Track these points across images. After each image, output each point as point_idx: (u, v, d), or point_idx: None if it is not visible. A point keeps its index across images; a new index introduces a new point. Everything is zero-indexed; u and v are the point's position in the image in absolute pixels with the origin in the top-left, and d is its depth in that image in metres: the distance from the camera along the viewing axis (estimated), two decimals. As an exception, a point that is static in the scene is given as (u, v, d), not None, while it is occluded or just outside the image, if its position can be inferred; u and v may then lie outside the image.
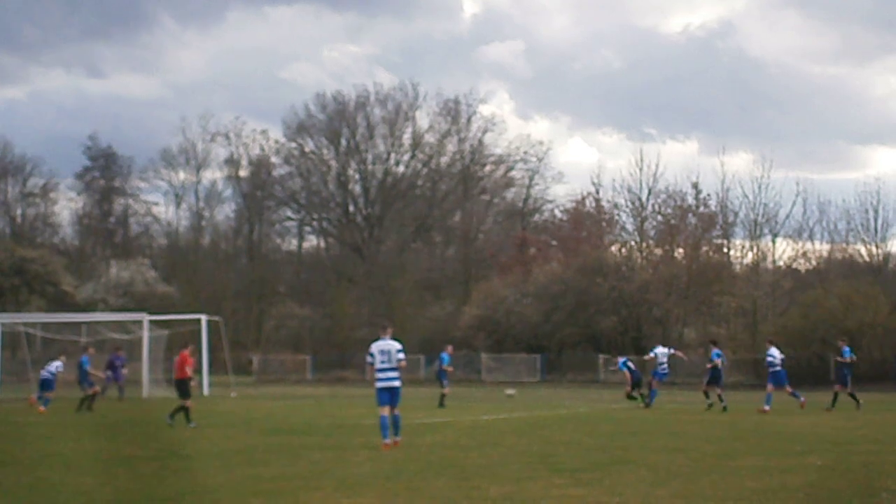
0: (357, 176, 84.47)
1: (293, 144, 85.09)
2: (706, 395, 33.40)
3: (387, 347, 19.44)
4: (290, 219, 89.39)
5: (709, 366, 34.31)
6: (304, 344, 72.42)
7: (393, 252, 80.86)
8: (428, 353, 65.71)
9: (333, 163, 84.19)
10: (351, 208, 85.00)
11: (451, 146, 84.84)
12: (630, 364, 36.68)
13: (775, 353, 32.21)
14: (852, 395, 32.43)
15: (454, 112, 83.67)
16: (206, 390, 47.14)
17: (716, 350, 34.55)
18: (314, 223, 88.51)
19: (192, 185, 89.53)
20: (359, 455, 18.71)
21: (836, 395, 32.41)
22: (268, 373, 64.72)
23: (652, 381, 35.75)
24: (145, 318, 48.38)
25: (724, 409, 31.41)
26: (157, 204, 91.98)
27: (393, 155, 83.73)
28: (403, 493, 13.86)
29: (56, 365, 35.94)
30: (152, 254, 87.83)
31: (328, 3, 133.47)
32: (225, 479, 15.26)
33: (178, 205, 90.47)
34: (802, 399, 32.07)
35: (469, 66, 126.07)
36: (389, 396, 19.49)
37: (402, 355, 19.57)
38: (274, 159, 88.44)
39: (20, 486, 14.66)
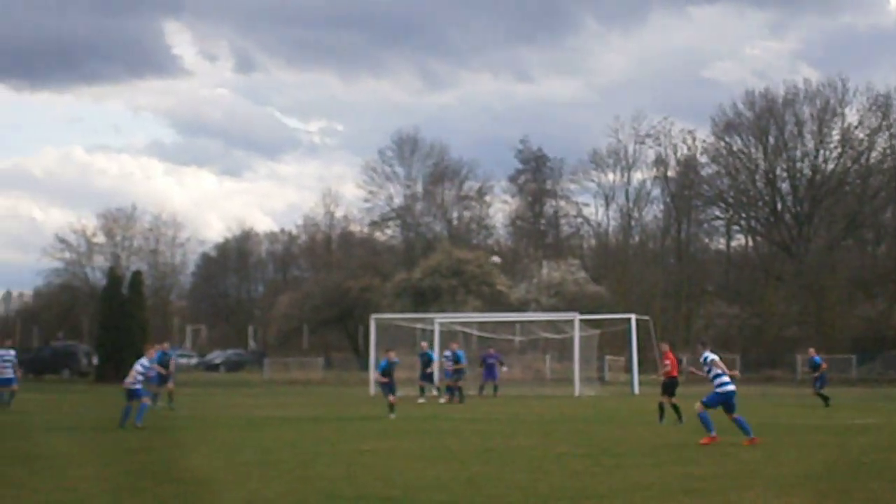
0: (785, 174, 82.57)
1: (721, 143, 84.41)
2: None
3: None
4: (717, 218, 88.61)
5: None
6: (734, 343, 71.73)
7: (822, 250, 78.51)
8: (859, 352, 63.60)
9: (761, 161, 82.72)
10: (779, 206, 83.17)
11: (881, 141, 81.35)
12: None
13: None
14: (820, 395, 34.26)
15: (884, 107, 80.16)
16: (636, 389, 47.76)
17: None
18: (742, 222, 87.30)
19: (622, 186, 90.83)
20: (789, 454, 18.65)
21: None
22: (679, 372, 64.43)
23: None
24: (576, 317, 49.17)
25: None
26: (587, 205, 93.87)
27: (822, 152, 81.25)
28: (834, 494, 13.77)
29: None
30: (582, 254, 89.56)
31: (751, 1, 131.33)
32: (655, 477, 15.49)
33: (607, 205, 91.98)
34: None
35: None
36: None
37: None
38: (701, 158, 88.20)
39: (459, 480, 15.38)
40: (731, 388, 20.81)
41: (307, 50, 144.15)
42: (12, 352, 34.06)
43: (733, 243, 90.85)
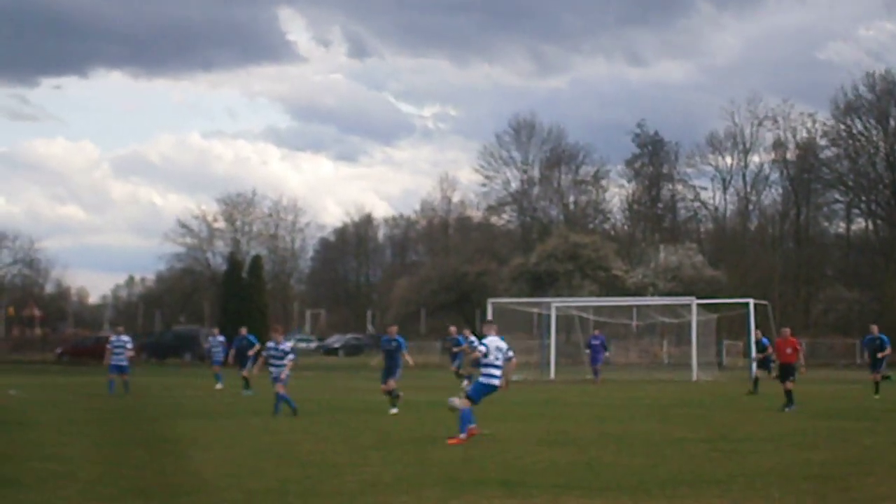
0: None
1: (841, 126, 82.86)
2: None
3: (502, 345, 18.53)
4: (837, 201, 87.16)
5: None
6: (853, 328, 70.57)
7: (943, 233, 76.80)
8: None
9: (882, 143, 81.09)
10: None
11: None
12: None
13: None
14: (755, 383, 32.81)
15: None
16: (754, 373, 47.24)
17: None
18: (862, 205, 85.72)
19: (740, 170, 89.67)
20: (911, 441, 18.49)
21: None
22: (815, 357, 63.76)
23: None
24: (693, 301, 48.89)
25: None
26: (704, 189, 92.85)
27: (944, 133, 79.46)
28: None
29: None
30: (699, 238, 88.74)
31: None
32: (775, 463, 15.46)
33: (724, 189, 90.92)
34: None
35: None
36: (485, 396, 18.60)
37: (511, 353, 18.88)
38: (821, 141, 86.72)
39: (576, 465, 15.52)
40: None
41: (420, 35, 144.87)
42: (125, 338, 34.39)
43: (853, 227, 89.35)
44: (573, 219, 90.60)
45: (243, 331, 37.58)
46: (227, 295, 68.10)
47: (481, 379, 18.56)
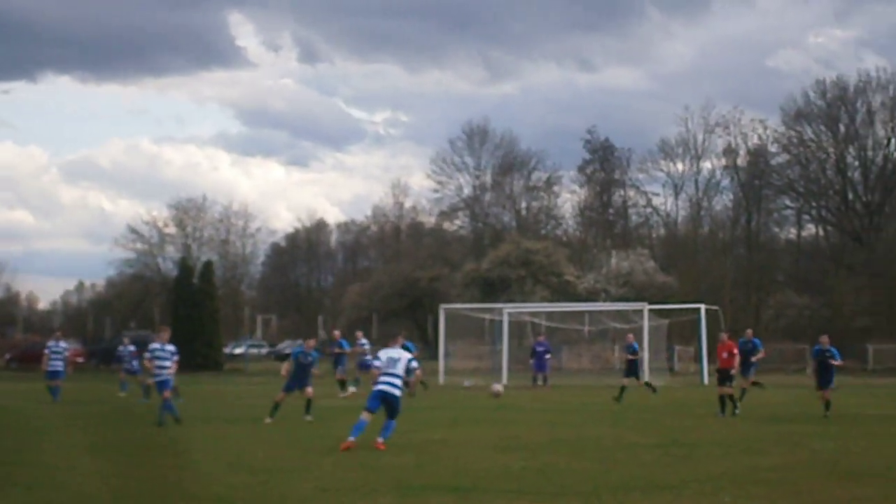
0: (856, 163, 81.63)
1: (791, 132, 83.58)
2: None
3: (397, 355, 18.52)
4: (788, 207, 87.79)
5: None
6: (803, 333, 71.15)
7: (893, 239, 77.50)
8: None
9: (832, 150, 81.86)
10: (850, 195, 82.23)
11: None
12: None
13: None
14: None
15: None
16: (705, 379, 47.49)
17: None
18: (812, 211, 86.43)
19: (691, 176, 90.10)
20: (860, 445, 18.59)
21: None
22: (766, 361, 64.15)
23: None
24: (645, 307, 49.02)
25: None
26: (656, 195, 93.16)
27: (893, 140, 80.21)
28: (905, 485, 13.81)
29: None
30: (651, 244, 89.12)
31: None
32: (726, 468, 15.56)
33: (676, 195, 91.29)
34: None
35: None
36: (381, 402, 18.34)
37: (415, 363, 19.03)
38: (772, 148, 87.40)
39: (529, 470, 15.53)
40: None
41: (370, 40, 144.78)
42: (63, 344, 33.87)
43: (803, 233, 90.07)
44: (525, 225, 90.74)
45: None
46: (178, 300, 67.58)
47: (375, 386, 18.49)
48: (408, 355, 18.66)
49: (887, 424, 23.22)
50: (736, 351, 27.05)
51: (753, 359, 31.14)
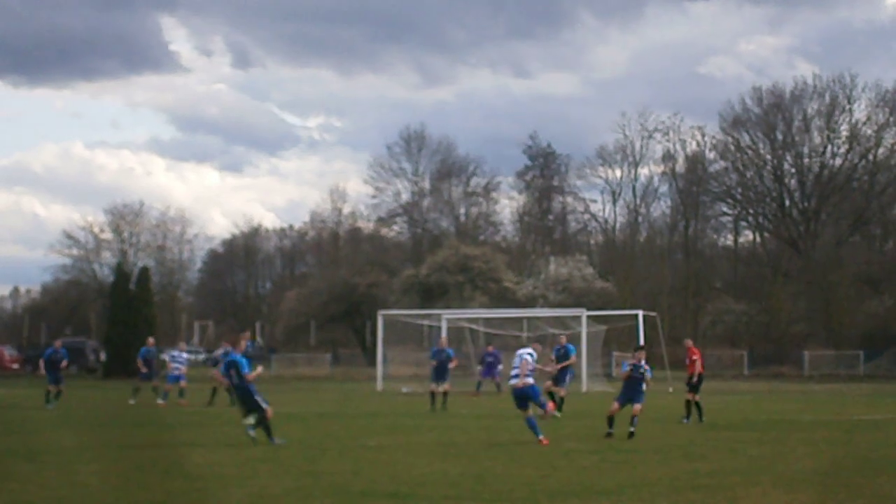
0: (793, 170, 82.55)
1: (729, 139, 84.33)
2: None
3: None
4: (725, 214, 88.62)
5: None
6: (741, 339, 71.81)
7: (830, 246, 78.49)
8: (867, 349, 63.66)
9: (769, 157, 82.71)
10: (787, 202, 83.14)
11: (889, 137, 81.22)
12: None
13: None
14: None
15: (892, 103, 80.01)
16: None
17: None
18: (749, 218, 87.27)
19: (629, 182, 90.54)
20: (797, 451, 18.70)
21: None
22: (703, 367, 64.58)
23: None
24: (583, 313, 49.11)
25: None
26: (594, 201, 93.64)
27: (829, 148, 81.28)
28: (842, 490, 13.82)
29: None
30: (589, 250, 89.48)
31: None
32: (663, 473, 15.58)
33: (614, 201, 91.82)
34: None
35: (892, 54, 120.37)
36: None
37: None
38: (709, 154, 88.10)
39: (467, 476, 15.47)
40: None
41: (304, 45, 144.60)
42: None
43: (741, 239, 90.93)
44: (464, 230, 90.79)
45: (58, 343, 35.55)
46: (115, 306, 66.90)
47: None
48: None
49: (823, 430, 23.37)
50: (695, 357, 26.80)
51: (566, 363, 30.56)
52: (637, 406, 21.63)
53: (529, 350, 20.94)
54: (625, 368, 22.50)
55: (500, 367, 43.83)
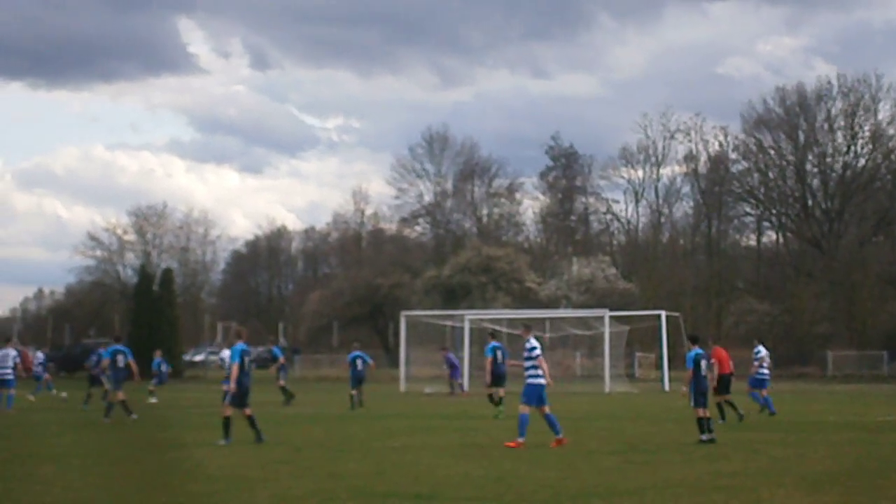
0: (816, 170, 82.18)
1: (751, 139, 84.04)
2: None
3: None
4: (748, 214, 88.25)
5: None
6: (764, 340, 71.33)
7: (853, 246, 78.08)
8: (890, 349, 63.32)
9: (792, 157, 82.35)
10: (809, 203, 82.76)
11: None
12: None
13: None
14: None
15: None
16: (666, 386, 47.61)
17: None
18: (772, 218, 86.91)
19: (652, 183, 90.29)
20: (819, 452, 18.64)
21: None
22: (732, 368, 64.26)
23: None
24: (606, 314, 49.13)
25: None
26: (616, 201, 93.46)
27: (853, 148, 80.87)
28: (864, 491, 13.78)
29: None
30: (612, 251, 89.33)
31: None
32: (686, 474, 15.55)
33: (637, 202, 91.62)
34: None
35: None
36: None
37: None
38: (732, 155, 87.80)
39: (489, 478, 15.48)
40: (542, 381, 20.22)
41: (322, 47, 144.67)
42: (13, 352, 32.60)
43: (763, 240, 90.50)
44: (486, 231, 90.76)
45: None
46: (138, 308, 67.25)
47: None
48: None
49: (846, 431, 23.30)
50: (713, 360, 26.56)
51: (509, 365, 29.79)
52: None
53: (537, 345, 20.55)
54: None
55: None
